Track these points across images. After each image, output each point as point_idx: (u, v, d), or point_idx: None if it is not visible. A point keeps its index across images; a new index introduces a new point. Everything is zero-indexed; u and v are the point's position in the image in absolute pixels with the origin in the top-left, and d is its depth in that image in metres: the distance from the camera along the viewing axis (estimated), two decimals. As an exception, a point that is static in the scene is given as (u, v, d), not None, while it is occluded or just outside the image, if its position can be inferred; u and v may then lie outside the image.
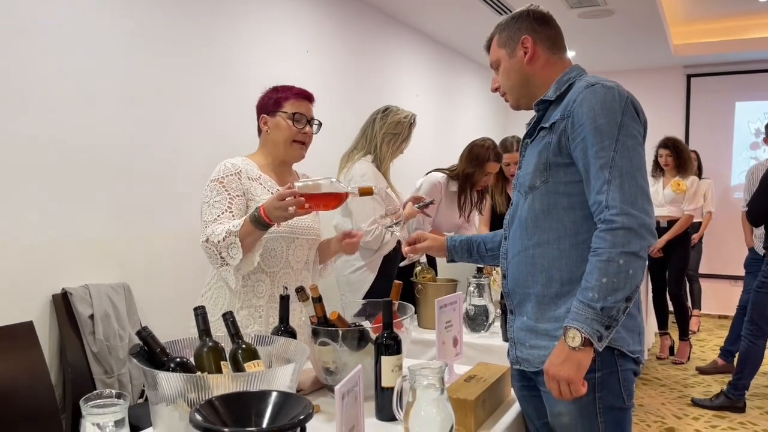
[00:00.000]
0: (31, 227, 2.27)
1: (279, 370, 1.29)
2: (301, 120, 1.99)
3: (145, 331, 1.33)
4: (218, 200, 1.88)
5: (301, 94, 2.01)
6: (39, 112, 2.34)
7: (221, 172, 1.92)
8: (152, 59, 2.80)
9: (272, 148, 2.01)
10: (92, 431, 1.16)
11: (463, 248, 1.92)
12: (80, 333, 2.27)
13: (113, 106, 2.62)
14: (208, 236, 1.83)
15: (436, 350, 1.89)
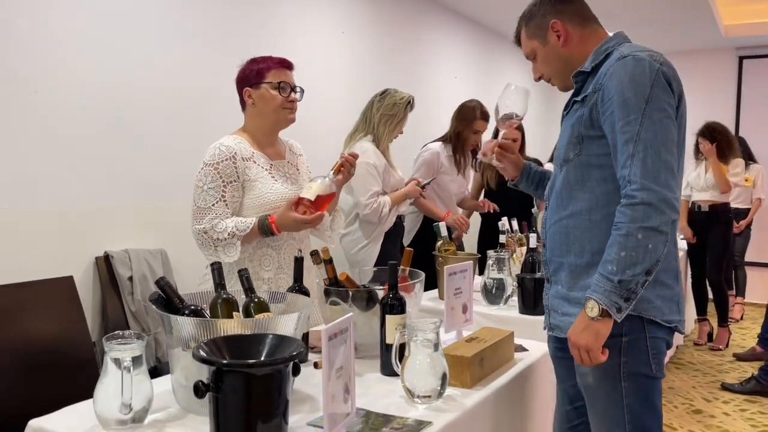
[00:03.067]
0: (78, 195, 2.47)
1: (282, 317, 1.40)
2: (286, 88, 2.01)
3: (163, 280, 1.46)
4: (212, 187, 1.93)
5: (282, 63, 2.03)
6: (89, 88, 2.52)
7: (216, 157, 1.95)
8: (190, 39, 2.96)
9: (260, 120, 2.04)
10: (112, 366, 1.31)
11: (535, 178, 1.96)
12: (120, 293, 2.46)
13: (153, 86, 2.79)
14: (207, 229, 1.91)
15: (445, 315, 1.97)
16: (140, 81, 2.73)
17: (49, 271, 2.18)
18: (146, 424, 1.33)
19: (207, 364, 1.14)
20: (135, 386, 1.30)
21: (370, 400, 1.49)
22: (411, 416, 1.40)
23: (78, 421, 1.35)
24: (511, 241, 2.96)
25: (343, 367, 1.25)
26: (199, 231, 1.93)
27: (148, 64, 2.76)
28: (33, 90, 2.35)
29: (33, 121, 2.35)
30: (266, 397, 1.16)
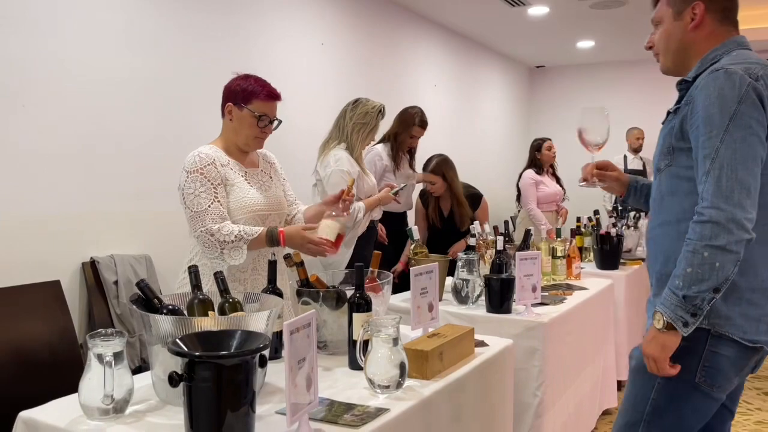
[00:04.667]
0: (65, 202, 2.60)
1: (253, 315, 1.53)
2: (265, 120, 2.15)
3: (143, 282, 1.59)
4: (203, 191, 2.05)
5: (270, 96, 2.15)
6: (74, 99, 2.64)
7: (198, 163, 2.07)
8: (177, 53, 3.09)
9: (233, 137, 2.18)
10: (94, 361, 1.43)
11: (643, 191, 1.94)
12: (106, 297, 2.58)
13: (140, 97, 2.92)
14: (213, 231, 2.02)
15: (411, 314, 2.10)
16: (124, 92, 2.85)
17: (38, 276, 2.30)
18: (127, 414, 1.45)
19: (180, 356, 1.27)
20: (116, 379, 1.42)
21: (336, 391, 1.62)
22: (372, 404, 1.53)
23: (64, 412, 1.46)
24: (481, 244, 3.10)
25: (305, 359, 1.38)
26: (204, 232, 2.02)
27: (132, 76, 2.89)
28: (21, 103, 2.47)
29: (20, 130, 2.47)
30: (234, 386, 1.28)
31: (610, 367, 3.47)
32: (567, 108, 7.69)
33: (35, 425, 1.44)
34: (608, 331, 3.43)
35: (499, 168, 6.91)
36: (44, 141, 2.55)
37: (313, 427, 1.38)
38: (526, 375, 2.47)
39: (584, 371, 3.01)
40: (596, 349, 3.20)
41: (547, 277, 3.36)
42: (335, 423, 1.42)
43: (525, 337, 2.47)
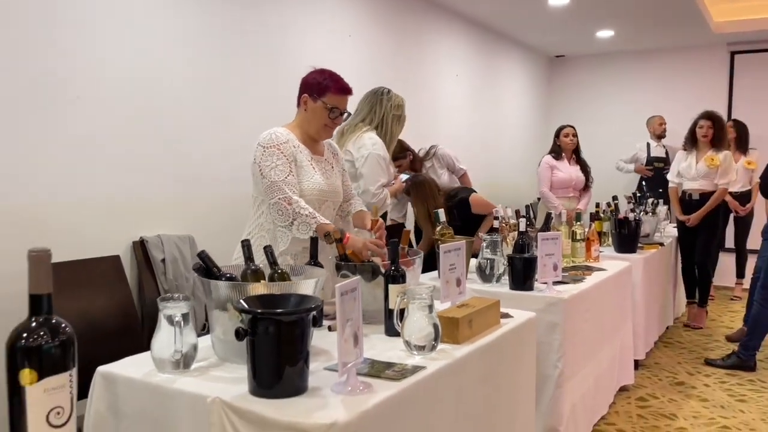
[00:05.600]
0: (118, 186, 2.80)
1: (302, 282, 1.71)
2: (336, 113, 2.34)
3: (203, 253, 1.77)
4: (280, 164, 2.23)
5: (342, 90, 2.34)
6: (127, 94, 2.84)
7: (275, 140, 2.26)
8: (211, 47, 3.27)
9: (306, 126, 2.37)
10: (164, 322, 1.61)
11: None
12: (154, 273, 2.77)
13: (182, 89, 3.11)
14: (292, 201, 2.18)
15: (441, 288, 2.26)
16: (170, 87, 3.06)
17: (98, 251, 2.51)
18: (192, 369, 1.64)
19: (246, 313, 1.44)
20: (184, 338, 1.60)
21: (376, 353, 1.78)
22: (409, 363, 1.70)
23: (137, 367, 1.65)
24: (504, 227, 3.25)
25: (352, 319, 1.54)
26: (282, 199, 2.18)
27: (180, 70, 3.10)
28: (75, 95, 2.66)
29: (79, 123, 2.67)
30: (292, 341, 1.45)
31: (628, 345, 3.61)
32: (587, 98, 7.76)
33: (113, 378, 1.63)
34: (626, 311, 3.57)
35: (519, 156, 7.02)
36: (100, 133, 2.76)
37: (359, 380, 1.55)
38: (547, 348, 2.62)
39: (603, 348, 3.15)
40: (614, 327, 3.34)
41: (566, 259, 3.50)
42: (378, 377, 1.59)
43: (546, 312, 2.62)
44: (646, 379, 3.83)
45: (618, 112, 7.49)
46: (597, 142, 6.96)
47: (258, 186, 2.32)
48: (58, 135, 2.60)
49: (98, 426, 1.63)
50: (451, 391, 1.76)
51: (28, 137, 2.51)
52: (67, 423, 0.97)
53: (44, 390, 0.94)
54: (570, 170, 5.23)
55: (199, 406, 1.46)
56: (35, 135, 2.53)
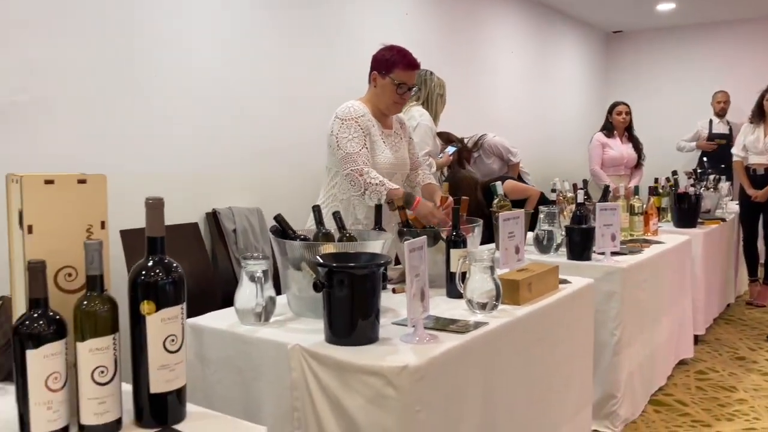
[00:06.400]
0: (194, 159, 3.01)
1: (370, 243, 1.82)
2: (404, 88, 2.43)
3: (280, 216, 1.90)
4: (356, 136, 2.35)
5: (410, 65, 2.42)
6: (203, 75, 3.02)
7: (353, 113, 2.37)
8: (280, 29, 3.42)
9: (377, 101, 2.47)
10: (246, 279, 1.75)
11: None
12: (226, 243, 2.95)
13: (253, 70, 3.29)
14: (363, 172, 2.29)
15: (500, 255, 2.34)
16: (245, 67, 3.25)
17: (179, 219, 2.72)
18: (271, 322, 1.78)
19: (323, 267, 1.57)
20: (264, 292, 1.74)
21: (439, 312, 1.89)
22: (471, 320, 1.80)
23: (222, 319, 1.80)
24: (561, 199, 3.29)
25: (419, 274, 1.65)
26: (354, 171, 2.30)
27: (250, 53, 3.29)
28: (157, 75, 2.85)
29: (161, 103, 2.89)
30: (364, 294, 1.57)
31: (688, 319, 3.60)
32: (646, 74, 7.59)
33: (200, 329, 1.79)
34: (685, 285, 3.56)
35: (575, 133, 6.96)
36: (179, 111, 2.99)
37: (426, 332, 1.65)
38: (604, 316, 2.67)
39: (661, 320, 3.17)
40: (673, 300, 3.34)
41: (624, 233, 3.51)
42: (443, 330, 1.70)
43: (604, 281, 2.66)
44: (705, 354, 3.81)
45: (678, 89, 7.31)
46: (655, 119, 6.83)
47: (332, 157, 2.44)
48: (143, 112, 2.83)
49: (187, 372, 1.79)
50: (511, 348, 1.84)
51: (115, 114, 2.74)
52: (179, 350, 1.11)
53: (161, 319, 1.08)
54: (622, 148, 5.17)
55: (279, 353, 1.60)
56: (123, 112, 2.77)
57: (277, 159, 3.43)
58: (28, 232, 1.07)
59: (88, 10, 2.64)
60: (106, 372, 1.05)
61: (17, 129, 2.44)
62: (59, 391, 1.03)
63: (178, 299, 1.10)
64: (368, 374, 1.45)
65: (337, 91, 3.64)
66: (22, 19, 2.47)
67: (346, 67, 3.79)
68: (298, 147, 3.49)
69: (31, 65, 2.49)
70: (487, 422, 1.72)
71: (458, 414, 1.61)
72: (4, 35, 2.43)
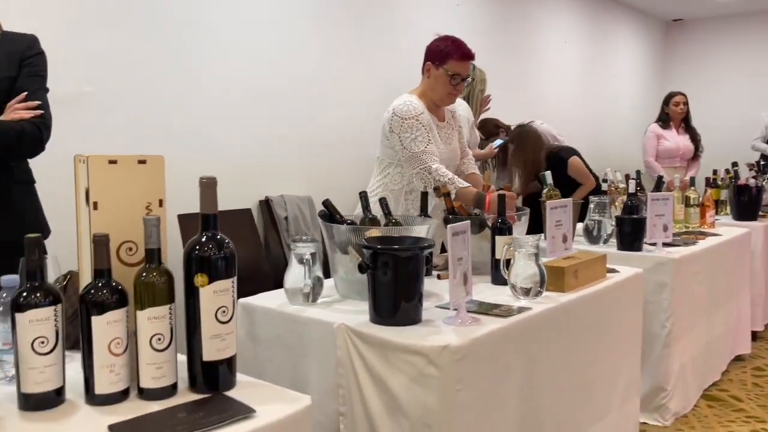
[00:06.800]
0: (248, 148, 3.13)
1: (415, 227, 1.86)
2: (457, 79, 2.42)
3: (328, 201, 1.96)
4: (419, 134, 2.36)
5: (464, 56, 2.40)
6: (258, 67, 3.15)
7: (413, 110, 2.37)
8: (330, 21, 3.50)
9: (431, 93, 2.48)
10: (295, 261, 1.82)
11: None
12: (278, 229, 3.04)
13: (304, 63, 3.38)
14: (432, 170, 2.32)
15: (547, 243, 2.34)
16: (297, 60, 3.36)
17: (234, 205, 2.84)
18: (319, 303, 1.84)
19: (368, 249, 1.61)
20: (312, 274, 1.80)
21: (483, 297, 1.90)
22: (515, 305, 1.81)
23: (271, 300, 1.87)
24: (612, 190, 3.24)
25: (462, 258, 1.68)
26: (423, 170, 2.33)
27: (303, 47, 3.39)
28: (213, 66, 2.97)
29: (218, 94, 3.01)
30: (407, 276, 1.61)
31: (745, 314, 3.49)
32: (705, 63, 7.34)
33: (251, 308, 1.86)
34: (743, 278, 3.45)
35: (630, 124, 6.79)
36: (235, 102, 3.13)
37: (469, 315, 1.68)
38: (655, 307, 2.63)
39: (716, 313, 3.09)
40: (729, 293, 3.25)
41: (679, 225, 3.42)
42: (486, 314, 1.72)
43: (655, 272, 2.62)
44: (764, 351, 3.69)
45: (739, 79, 7.04)
46: (714, 109, 6.59)
47: (386, 149, 2.47)
48: (202, 104, 2.96)
49: (238, 349, 1.87)
50: (554, 335, 1.85)
51: (175, 105, 2.90)
52: (230, 321, 1.18)
53: (213, 291, 1.14)
54: (678, 139, 5.02)
55: (326, 332, 1.66)
56: (183, 103, 2.92)
57: (328, 149, 3.51)
58: (94, 208, 1.16)
59: (150, 9, 2.78)
60: (162, 339, 1.12)
61: (85, 116, 2.59)
62: (121, 355, 1.11)
63: (230, 273, 1.17)
64: (410, 353, 1.49)
65: (387, 83, 3.68)
66: (91, 18, 2.61)
67: (397, 59, 3.82)
68: (349, 137, 3.57)
69: (97, 59, 2.64)
70: (529, 405, 1.73)
71: (499, 395, 1.63)
72: (75, 32, 2.58)
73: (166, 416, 1.06)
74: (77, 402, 1.12)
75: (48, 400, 1.09)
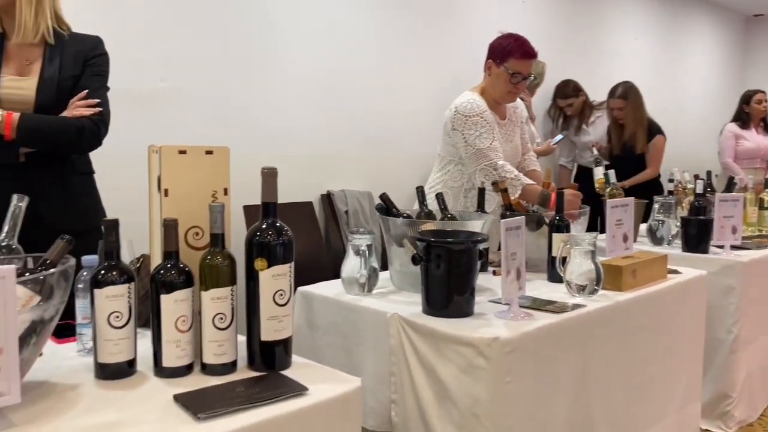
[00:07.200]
0: (310, 146, 3.22)
1: (470, 222, 1.88)
2: (518, 78, 2.42)
3: (385, 195, 2.01)
4: (484, 131, 2.39)
5: (525, 54, 2.40)
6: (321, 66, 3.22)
7: (477, 108, 2.40)
8: (394, 18, 3.54)
9: (491, 91, 2.50)
10: (352, 252, 1.88)
11: None
12: (338, 223, 3.12)
13: (366, 62, 3.45)
14: (498, 166, 2.35)
15: (606, 242, 2.31)
16: (359, 58, 3.45)
17: (296, 198, 2.94)
18: (374, 293, 1.89)
19: (421, 242, 1.65)
20: (368, 265, 1.86)
21: (538, 294, 1.91)
22: (570, 302, 1.81)
23: (329, 289, 1.94)
24: (680, 190, 3.15)
25: (516, 254, 1.69)
26: (488, 166, 2.36)
27: (364, 46, 3.47)
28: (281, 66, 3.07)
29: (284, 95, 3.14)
30: (460, 269, 1.64)
31: (822, 324, 3.31)
32: (789, 60, 6.97)
33: (310, 296, 1.94)
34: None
35: (706, 123, 6.53)
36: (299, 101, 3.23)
37: (521, 310, 1.69)
38: (720, 312, 2.55)
39: (789, 321, 2.95)
40: (804, 301, 3.09)
41: (752, 228, 3.29)
42: (539, 310, 1.72)
43: (721, 275, 2.54)
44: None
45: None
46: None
47: (447, 147, 2.51)
48: (266, 100, 3.08)
49: (297, 335, 1.95)
50: (610, 333, 1.83)
51: (241, 101, 3.02)
52: (287, 304, 1.24)
53: (272, 275, 1.21)
54: (758, 139, 4.81)
55: (380, 321, 1.71)
56: (248, 100, 3.05)
57: (388, 145, 3.57)
58: (165, 195, 1.24)
59: (218, 10, 2.92)
60: (224, 318, 1.20)
61: (158, 110, 2.76)
62: (186, 332, 1.19)
63: (287, 258, 1.23)
64: (461, 344, 1.52)
65: (448, 79, 3.70)
66: (166, 19, 2.78)
67: (458, 54, 3.84)
68: (409, 134, 3.61)
69: (171, 58, 2.80)
70: (581, 402, 1.73)
71: (550, 390, 1.63)
72: (151, 33, 2.75)
73: (226, 390, 1.13)
74: (147, 374, 1.21)
75: (121, 370, 1.18)
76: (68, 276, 1.12)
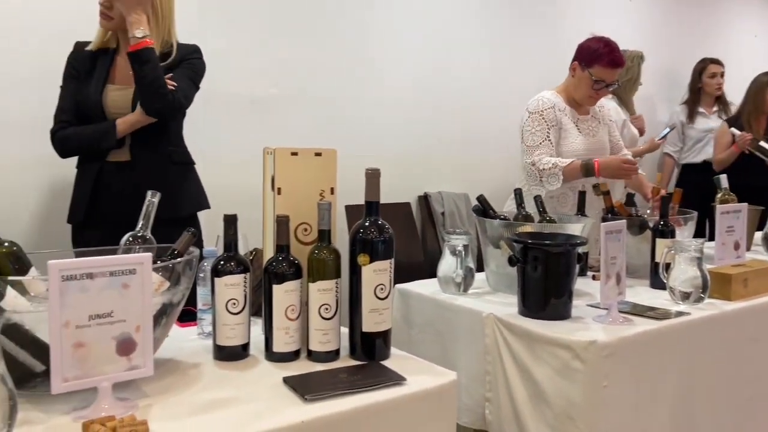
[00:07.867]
0: (409, 148, 3.31)
1: (570, 225, 1.88)
2: (601, 85, 2.41)
3: (482, 197, 2.03)
4: (539, 129, 2.42)
5: (612, 63, 2.37)
6: (419, 72, 3.29)
7: (540, 106, 2.44)
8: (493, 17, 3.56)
9: (572, 91, 2.49)
10: (448, 252, 1.92)
11: None
12: (435, 224, 3.18)
13: (464, 63, 3.49)
14: (535, 162, 2.38)
15: (715, 249, 2.21)
16: (457, 59, 3.50)
17: (394, 199, 3.03)
18: (470, 293, 1.92)
19: (518, 243, 1.67)
20: (464, 265, 1.90)
21: (639, 300, 1.86)
22: (673, 309, 1.76)
23: (426, 287, 1.99)
24: (800, 196, 2.94)
25: (616, 258, 1.67)
26: (528, 164, 2.41)
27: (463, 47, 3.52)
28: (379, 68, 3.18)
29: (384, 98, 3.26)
30: (557, 272, 1.64)
31: None
32: None
33: (407, 294, 2.00)
34: None
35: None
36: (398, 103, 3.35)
37: (621, 315, 1.67)
38: None
39: None
40: None
41: None
42: (640, 316, 1.69)
43: None
44: None
45: None
46: None
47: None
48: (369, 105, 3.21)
49: (394, 330, 2.01)
50: (716, 344, 1.77)
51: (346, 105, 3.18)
52: (387, 297, 1.31)
53: (373, 270, 1.28)
54: None
55: (475, 320, 1.74)
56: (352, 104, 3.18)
57: (485, 146, 3.58)
58: (278, 193, 1.35)
59: (323, 20, 3.08)
60: (329, 309, 1.28)
61: (271, 115, 2.94)
62: (294, 320, 1.28)
63: (388, 255, 1.30)
64: (557, 346, 1.52)
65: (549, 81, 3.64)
66: (277, 29, 2.96)
67: (557, 54, 3.75)
68: (506, 135, 3.58)
69: (282, 65, 2.98)
70: (683, 412, 1.68)
71: (649, 399, 1.60)
72: (265, 42, 2.97)
73: (330, 375, 1.21)
74: (258, 357, 1.32)
75: (236, 353, 1.29)
76: (193, 265, 1.25)
